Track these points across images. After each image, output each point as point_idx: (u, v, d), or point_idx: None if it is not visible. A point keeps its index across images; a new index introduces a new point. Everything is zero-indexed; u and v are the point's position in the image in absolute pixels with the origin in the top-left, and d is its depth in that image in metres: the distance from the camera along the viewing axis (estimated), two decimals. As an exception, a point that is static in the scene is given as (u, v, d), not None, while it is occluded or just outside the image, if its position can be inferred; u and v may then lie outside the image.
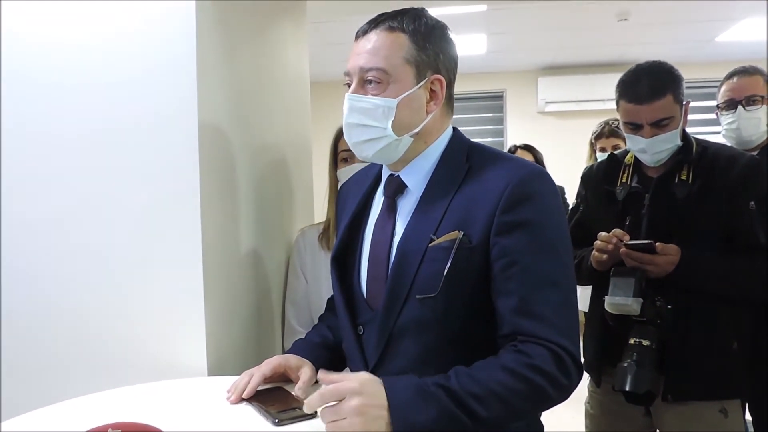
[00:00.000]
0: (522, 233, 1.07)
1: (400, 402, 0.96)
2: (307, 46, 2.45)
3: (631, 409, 1.74)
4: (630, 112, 1.68)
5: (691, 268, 1.60)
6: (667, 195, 1.68)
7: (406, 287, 1.12)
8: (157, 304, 1.50)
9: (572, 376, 1.04)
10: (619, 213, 1.75)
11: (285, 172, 2.10)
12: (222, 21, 1.61)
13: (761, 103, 2.07)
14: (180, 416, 1.15)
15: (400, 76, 1.13)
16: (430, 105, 1.17)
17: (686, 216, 1.64)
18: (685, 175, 1.67)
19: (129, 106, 1.49)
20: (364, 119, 1.14)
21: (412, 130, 1.16)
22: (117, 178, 1.50)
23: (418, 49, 1.14)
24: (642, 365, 1.55)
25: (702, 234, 1.64)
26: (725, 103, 2.13)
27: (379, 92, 1.13)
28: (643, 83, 1.66)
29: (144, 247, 1.50)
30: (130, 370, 1.49)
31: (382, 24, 1.15)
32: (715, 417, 1.67)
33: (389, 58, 1.12)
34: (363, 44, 1.15)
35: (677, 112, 1.67)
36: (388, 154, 1.18)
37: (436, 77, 1.16)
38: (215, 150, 1.56)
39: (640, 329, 1.59)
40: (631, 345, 1.59)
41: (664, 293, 1.61)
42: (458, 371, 1.01)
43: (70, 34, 1.50)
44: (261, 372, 1.23)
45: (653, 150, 1.68)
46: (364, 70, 1.14)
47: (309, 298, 1.88)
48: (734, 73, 2.15)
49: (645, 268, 1.61)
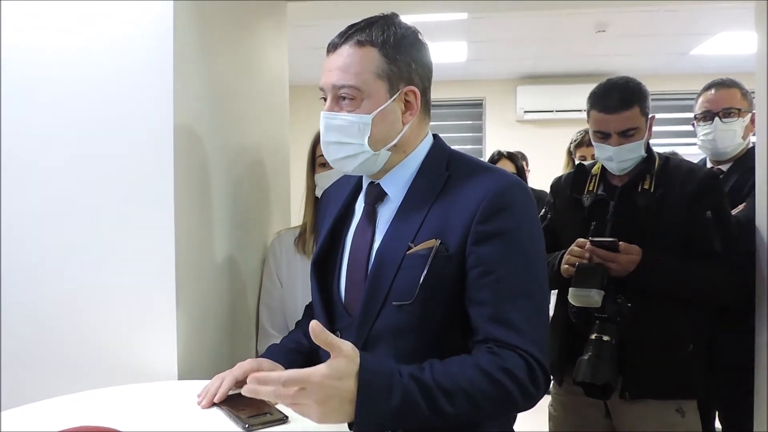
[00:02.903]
0: (498, 243, 1.08)
1: (365, 399, 0.93)
2: (286, 49, 2.44)
3: (592, 410, 1.84)
4: (600, 121, 1.79)
5: (651, 269, 1.69)
6: (630, 203, 1.78)
7: (383, 294, 1.12)
8: (128, 307, 1.48)
9: (540, 386, 1.05)
10: (585, 219, 1.83)
11: (262, 175, 2.09)
12: (200, 21, 1.60)
13: (737, 116, 2.11)
14: (148, 420, 1.14)
15: (373, 92, 1.13)
16: (406, 116, 1.17)
17: (648, 223, 1.74)
18: (647, 184, 1.78)
19: (103, 107, 1.47)
20: (340, 137, 1.15)
21: (389, 143, 1.16)
22: (90, 180, 1.48)
23: (388, 62, 1.13)
24: (601, 358, 1.62)
25: (662, 240, 1.73)
26: (702, 114, 2.16)
27: (353, 108, 1.13)
28: (613, 95, 1.77)
29: (116, 250, 1.48)
30: (99, 372, 1.47)
31: (351, 38, 1.14)
32: (672, 416, 1.75)
33: (360, 74, 1.12)
34: (334, 60, 1.14)
35: (643, 124, 1.78)
36: (367, 168, 1.18)
37: (410, 89, 1.16)
38: (191, 152, 1.55)
39: (601, 326, 1.66)
40: (592, 340, 1.65)
41: (625, 292, 1.68)
42: (433, 363, 1.01)
43: (44, 33, 1.48)
44: (232, 376, 1.22)
45: (620, 158, 1.78)
46: (336, 88, 1.13)
47: (284, 302, 1.86)
48: (712, 85, 2.18)
49: (607, 266, 1.69)
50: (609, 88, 1.79)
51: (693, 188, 1.74)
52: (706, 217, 1.72)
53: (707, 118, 2.14)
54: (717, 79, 2.18)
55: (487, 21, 4.58)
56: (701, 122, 2.16)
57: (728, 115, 2.11)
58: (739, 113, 2.11)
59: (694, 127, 2.21)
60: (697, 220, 1.72)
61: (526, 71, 6.21)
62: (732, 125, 2.10)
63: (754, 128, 2.10)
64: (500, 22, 4.64)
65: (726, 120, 2.10)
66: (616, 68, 5.94)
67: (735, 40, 4.91)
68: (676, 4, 3.91)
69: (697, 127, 2.18)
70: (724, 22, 4.56)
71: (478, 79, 6.53)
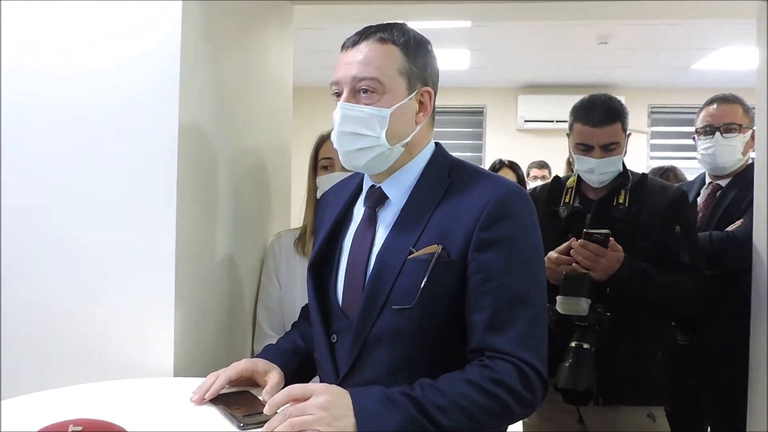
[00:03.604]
0: (499, 250, 1.09)
1: (365, 408, 0.99)
2: (291, 51, 2.45)
3: (565, 416, 1.89)
4: (584, 133, 1.86)
5: (631, 269, 1.75)
6: (606, 216, 1.85)
7: (383, 297, 1.13)
8: (126, 303, 1.48)
9: (536, 391, 1.06)
10: (561, 231, 1.87)
11: (263, 176, 2.09)
12: (207, 22, 1.61)
13: (738, 132, 2.11)
14: (143, 415, 1.14)
15: (393, 87, 1.14)
16: (419, 116, 1.19)
17: (622, 236, 1.78)
18: (622, 198, 1.85)
19: (109, 104, 1.48)
20: (357, 128, 1.15)
21: (403, 140, 1.17)
22: (94, 176, 1.49)
23: (408, 61, 1.16)
24: (582, 365, 1.68)
25: (635, 252, 1.78)
26: (703, 129, 2.17)
27: (373, 102, 1.14)
28: (597, 109, 1.85)
29: (117, 246, 1.48)
30: (96, 367, 1.47)
31: (372, 35, 1.16)
32: (643, 421, 1.82)
33: (382, 68, 1.14)
34: (353, 54, 1.15)
35: (623, 140, 1.87)
36: (378, 164, 1.18)
37: (426, 89, 1.19)
38: (194, 151, 1.55)
39: (581, 333, 1.72)
40: (573, 347, 1.71)
41: (605, 302, 1.75)
42: (423, 383, 1.03)
43: (52, 31, 1.49)
44: (227, 374, 1.22)
45: (600, 171, 1.85)
46: (357, 80, 1.14)
47: (282, 302, 1.87)
48: (714, 99, 2.19)
49: (593, 268, 1.73)
50: (594, 103, 1.87)
51: (664, 204, 1.83)
52: (676, 232, 1.81)
53: (708, 133, 2.15)
54: (720, 94, 2.19)
55: (490, 29, 4.60)
56: (702, 136, 2.17)
57: (729, 130, 2.11)
58: (740, 129, 2.11)
59: (695, 141, 2.22)
60: (667, 233, 1.81)
61: (527, 80, 6.24)
62: (732, 140, 2.11)
63: (754, 144, 2.12)
64: (503, 31, 4.66)
65: (727, 135, 2.11)
66: (617, 80, 5.97)
67: (737, 55, 4.93)
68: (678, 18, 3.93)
69: (698, 141, 2.19)
70: (726, 37, 4.58)
71: (480, 87, 6.55)
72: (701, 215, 2.16)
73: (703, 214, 2.16)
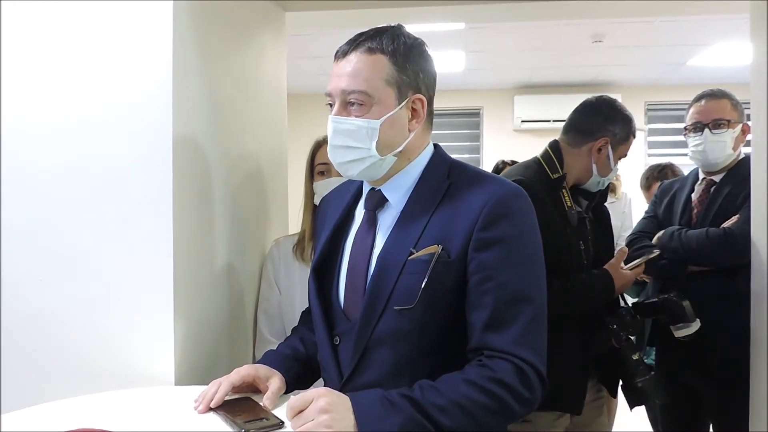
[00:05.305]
0: (499, 249, 1.10)
1: (365, 410, 1.00)
2: (285, 57, 2.45)
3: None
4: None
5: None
6: (602, 218, 2.06)
7: (384, 298, 1.13)
8: (126, 313, 1.48)
9: (534, 390, 1.06)
10: (570, 234, 1.86)
11: (260, 182, 2.10)
12: (199, 29, 1.61)
13: (727, 127, 2.11)
14: (146, 425, 1.14)
15: (382, 98, 1.15)
16: (412, 123, 1.19)
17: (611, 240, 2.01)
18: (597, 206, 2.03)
19: (101, 116, 1.48)
20: (348, 141, 1.16)
21: (395, 149, 1.18)
22: (89, 186, 1.49)
23: (398, 70, 1.16)
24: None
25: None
26: (692, 126, 2.17)
27: (362, 114, 1.15)
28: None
29: (115, 256, 1.48)
30: (96, 377, 1.48)
31: (361, 45, 1.16)
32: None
33: (370, 80, 1.14)
34: (343, 66, 1.16)
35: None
36: (372, 173, 1.20)
37: (417, 97, 1.19)
38: (190, 160, 1.56)
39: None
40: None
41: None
42: (422, 384, 1.04)
43: (43, 36, 1.50)
44: (229, 381, 1.22)
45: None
46: (346, 93, 1.15)
47: (282, 308, 1.87)
48: (702, 96, 2.19)
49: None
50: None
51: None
52: None
53: (697, 130, 2.14)
54: (707, 90, 2.19)
55: (484, 31, 4.61)
56: (691, 133, 2.17)
57: (718, 126, 2.11)
58: (728, 124, 2.11)
59: (685, 138, 2.22)
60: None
61: (523, 81, 6.25)
62: (722, 136, 2.10)
63: (745, 138, 2.12)
64: (498, 33, 4.67)
65: (716, 131, 2.11)
66: (613, 78, 5.98)
67: (731, 51, 4.94)
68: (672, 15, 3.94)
69: (688, 139, 2.19)
70: (720, 33, 4.59)
71: (476, 89, 6.57)
72: (696, 211, 2.15)
73: (698, 210, 2.15)
